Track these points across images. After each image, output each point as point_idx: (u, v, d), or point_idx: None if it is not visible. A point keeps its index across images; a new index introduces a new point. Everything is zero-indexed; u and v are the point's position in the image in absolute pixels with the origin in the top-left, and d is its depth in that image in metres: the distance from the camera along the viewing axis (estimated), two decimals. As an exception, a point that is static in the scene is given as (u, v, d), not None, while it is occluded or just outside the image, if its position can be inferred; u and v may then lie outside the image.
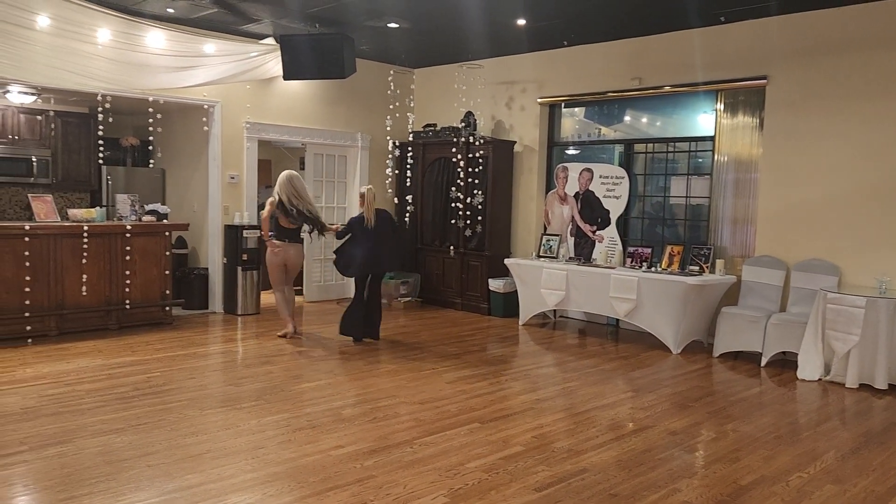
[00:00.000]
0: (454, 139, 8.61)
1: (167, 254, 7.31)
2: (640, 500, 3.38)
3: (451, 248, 8.73)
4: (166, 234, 7.33)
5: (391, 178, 9.10)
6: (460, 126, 8.65)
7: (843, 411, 5.10)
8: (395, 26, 7.32)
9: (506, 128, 8.84)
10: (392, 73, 9.01)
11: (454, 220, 8.79)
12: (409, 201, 8.77)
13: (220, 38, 7.20)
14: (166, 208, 7.69)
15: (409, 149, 9.16)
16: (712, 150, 7.14)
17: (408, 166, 8.75)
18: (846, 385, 5.60)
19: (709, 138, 7.22)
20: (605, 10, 6.60)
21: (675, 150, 7.64)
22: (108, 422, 4.26)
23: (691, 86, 7.18)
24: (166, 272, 7.29)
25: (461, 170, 8.61)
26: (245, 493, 3.32)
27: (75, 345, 6.27)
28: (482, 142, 8.42)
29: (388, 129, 8.57)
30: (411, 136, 9.08)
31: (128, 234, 6.95)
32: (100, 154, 7.22)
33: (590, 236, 7.94)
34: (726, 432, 4.45)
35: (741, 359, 6.51)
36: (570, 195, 8.14)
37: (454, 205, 8.78)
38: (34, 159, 8.52)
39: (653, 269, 7.06)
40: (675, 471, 3.78)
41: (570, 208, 8.14)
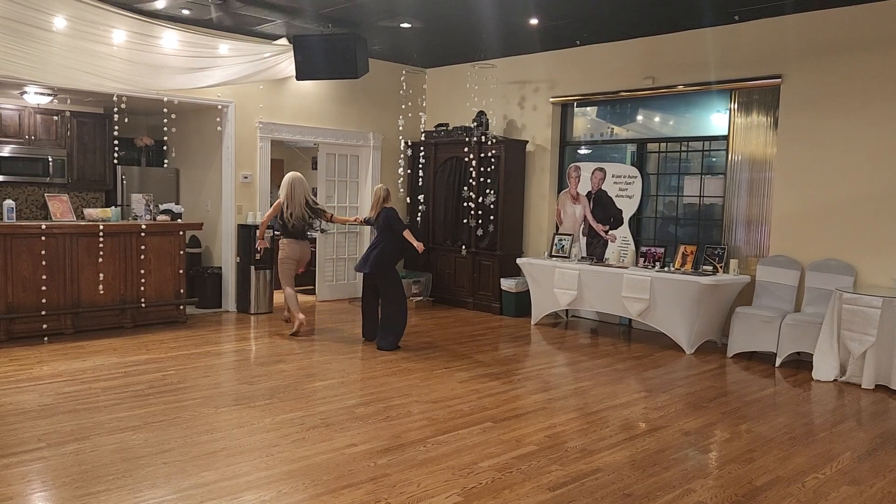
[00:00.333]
0: (466, 139, 8.61)
1: (181, 253, 7.36)
2: (654, 500, 3.37)
3: (463, 247, 8.74)
4: (180, 233, 7.38)
5: (403, 178, 9.12)
6: (472, 126, 8.65)
7: (859, 412, 5.06)
8: (408, 26, 7.33)
9: (518, 127, 8.83)
10: (404, 72, 9.02)
11: (466, 220, 8.79)
12: (421, 201, 8.79)
13: (233, 38, 7.24)
14: (180, 208, 7.75)
15: (421, 148, 9.17)
16: (726, 150, 7.11)
17: (420, 166, 8.76)
18: (862, 386, 5.56)
19: (722, 137, 7.19)
20: (618, 9, 6.58)
21: (689, 149, 7.61)
22: (124, 419, 4.30)
23: (705, 85, 7.15)
24: (180, 271, 7.35)
25: (473, 169, 8.61)
26: (260, 491, 3.34)
27: (91, 343, 6.33)
28: (494, 141, 8.42)
29: (400, 128, 8.59)
30: (423, 135, 9.08)
31: (142, 234, 7.00)
32: (115, 154, 7.31)
33: (602, 236, 7.92)
34: (741, 433, 4.43)
35: (755, 359, 6.47)
36: (582, 195, 8.12)
37: (466, 204, 8.78)
38: (50, 159, 8.59)
39: (666, 268, 7.03)
40: (690, 471, 3.76)
41: (583, 208, 8.12)
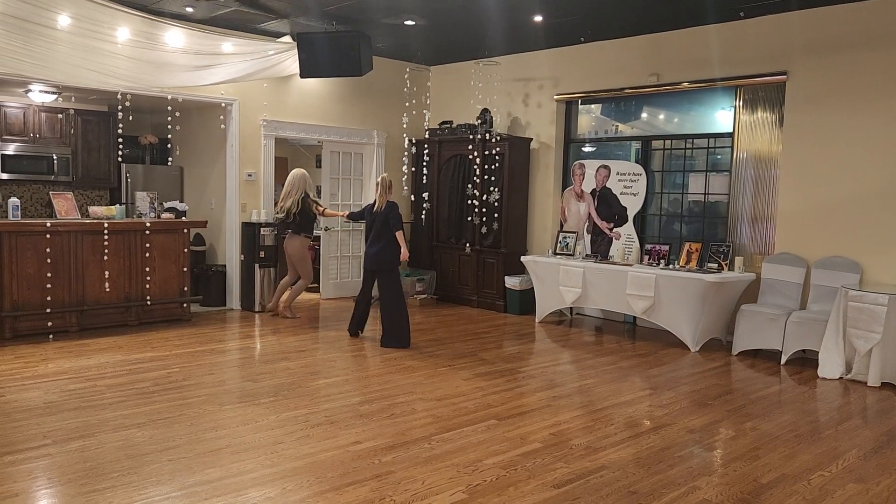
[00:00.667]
0: (470, 136, 8.60)
1: (185, 251, 7.37)
2: (659, 497, 3.37)
3: (467, 245, 8.73)
4: (185, 231, 7.39)
5: (407, 176, 9.11)
6: (476, 123, 8.64)
7: (865, 410, 5.04)
8: (412, 23, 7.32)
9: (522, 125, 8.82)
10: (408, 70, 9.01)
11: (470, 218, 8.78)
12: (425, 198, 8.78)
13: (238, 36, 7.25)
14: (185, 206, 7.76)
15: (426, 146, 9.16)
16: (731, 147, 7.09)
17: (424, 164, 8.76)
18: (868, 383, 5.54)
19: (727, 135, 7.16)
20: (622, 5, 6.56)
21: (694, 146, 7.59)
22: (129, 416, 4.31)
23: (710, 82, 7.12)
24: (185, 269, 7.35)
25: (477, 167, 8.59)
26: (265, 488, 3.34)
27: (96, 340, 6.34)
28: (498, 139, 8.41)
29: (404, 126, 8.58)
30: (427, 133, 9.08)
31: (147, 232, 7.02)
32: (119, 152, 7.31)
33: (607, 233, 7.90)
34: (746, 430, 4.42)
35: (760, 357, 6.45)
36: (586, 192, 8.11)
37: (470, 202, 8.77)
38: (55, 157, 8.61)
39: (670, 266, 7.01)
40: (695, 469, 3.75)
41: (587, 205, 8.11)
